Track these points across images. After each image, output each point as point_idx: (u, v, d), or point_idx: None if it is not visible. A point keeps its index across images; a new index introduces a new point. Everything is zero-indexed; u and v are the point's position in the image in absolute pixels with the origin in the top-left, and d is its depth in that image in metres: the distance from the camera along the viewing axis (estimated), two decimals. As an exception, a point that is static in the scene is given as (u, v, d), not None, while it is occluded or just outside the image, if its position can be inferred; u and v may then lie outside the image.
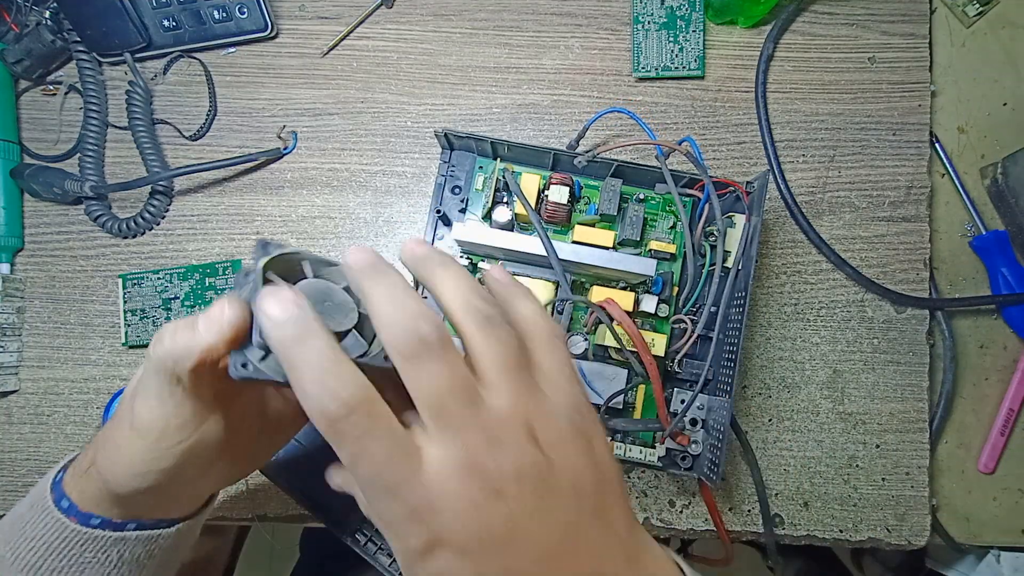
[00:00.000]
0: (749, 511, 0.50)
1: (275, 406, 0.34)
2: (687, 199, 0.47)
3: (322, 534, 0.48)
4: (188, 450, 0.29)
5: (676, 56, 0.52)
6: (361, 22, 0.53)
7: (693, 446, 0.45)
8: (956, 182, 0.54)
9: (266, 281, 0.25)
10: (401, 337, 0.22)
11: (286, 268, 0.26)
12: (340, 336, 0.25)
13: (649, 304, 0.45)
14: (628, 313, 0.42)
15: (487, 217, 0.47)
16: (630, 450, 0.44)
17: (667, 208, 0.48)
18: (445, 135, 0.46)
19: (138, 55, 0.52)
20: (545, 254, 0.43)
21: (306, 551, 0.73)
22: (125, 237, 0.52)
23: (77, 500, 0.31)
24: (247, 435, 0.32)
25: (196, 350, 0.25)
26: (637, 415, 0.47)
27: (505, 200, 0.47)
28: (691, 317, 0.45)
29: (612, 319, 0.41)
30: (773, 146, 0.52)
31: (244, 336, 0.25)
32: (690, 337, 0.44)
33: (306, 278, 0.26)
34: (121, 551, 0.31)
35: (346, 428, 0.21)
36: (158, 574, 0.34)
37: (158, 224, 0.52)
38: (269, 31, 0.52)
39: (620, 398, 0.44)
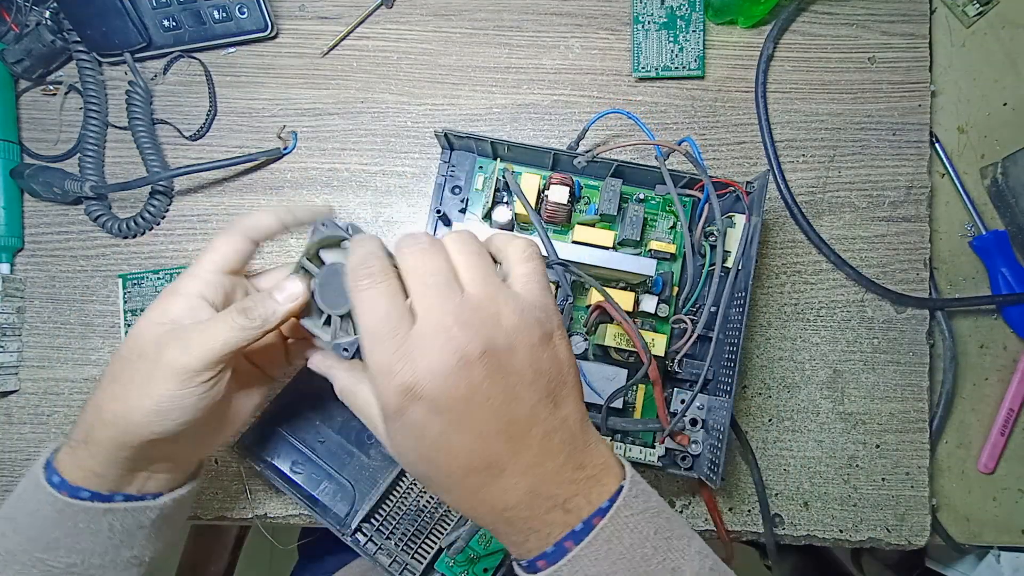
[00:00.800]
0: (749, 511, 0.50)
1: (249, 378, 0.39)
2: (687, 199, 0.47)
3: (322, 534, 0.48)
4: (209, 399, 0.33)
5: (676, 56, 0.52)
6: (361, 22, 0.53)
7: (693, 446, 0.45)
8: (956, 182, 0.54)
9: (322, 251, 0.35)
10: (403, 239, 0.30)
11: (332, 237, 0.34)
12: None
13: (649, 304, 0.45)
14: (628, 313, 0.42)
15: (487, 217, 0.47)
16: (630, 450, 0.44)
17: (667, 208, 0.48)
18: (445, 135, 0.46)
19: (138, 55, 0.52)
20: (545, 254, 0.43)
21: (306, 551, 0.73)
22: (125, 237, 0.52)
23: (67, 476, 0.34)
24: (231, 401, 0.37)
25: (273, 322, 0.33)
26: (637, 415, 0.47)
27: (505, 200, 0.47)
28: (691, 317, 0.45)
29: (611, 319, 0.41)
30: (773, 146, 0.52)
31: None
32: (690, 337, 0.44)
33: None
34: (111, 521, 0.34)
35: (365, 281, 0.29)
36: (152, 539, 0.37)
37: (158, 224, 0.52)
38: (269, 31, 0.52)
39: (620, 398, 0.44)
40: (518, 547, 0.30)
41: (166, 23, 0.51)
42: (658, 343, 0.44)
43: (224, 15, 0.51)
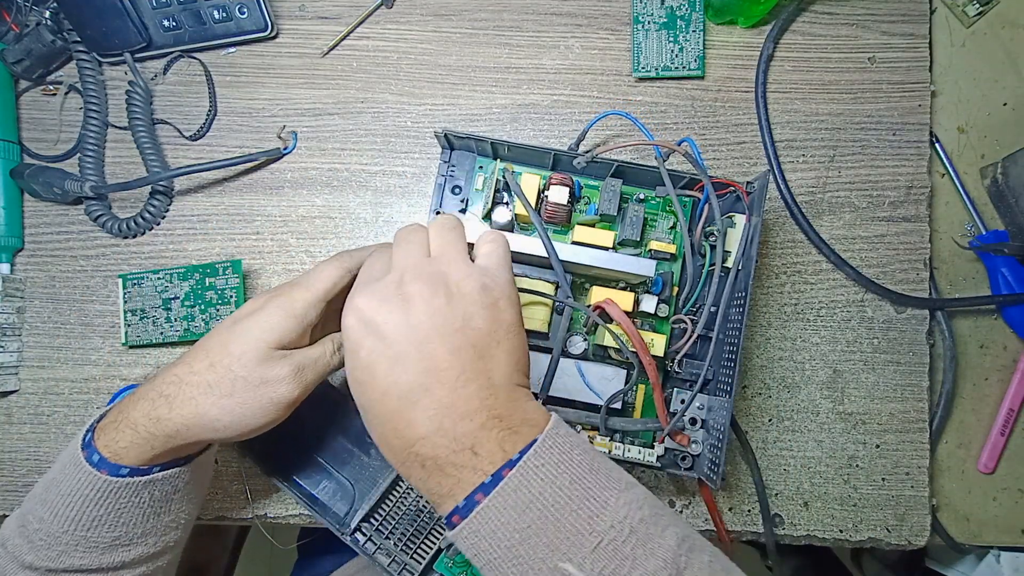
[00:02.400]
0: (749, 511, 0.50)
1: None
2: (687, 199, 0.47)
3: (321, 534, 0.48)
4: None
5: (676, 56, 0.52)
6: (361, 22, 0.53)
7: (693, 446, 0.45)
8: (956, 182, 0.54)
9: None
10: (401, 230, 0.37)
11: None
12: None
13: (649, 304, 0.45)
14: (628, 313, 0.42)
15: (487, 217, 0.47)
16: (629, 450, 0.44)
17: (667, 208, 0.48)
18: (445, 135, 0.46)
19: (138, 55, 0.52)
20: (545, 254, 0.43)
21: (305, 551, 0.73)
22: (125, 237, 0.52)
23: (106, 455, 0.35)
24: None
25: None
26: (637, 415, 0.47)
27: (505, 200, 0.47)
28: (691, 317, 0.45)
29: (611, 319, 0.41)
30: (773, 146, 0.52)
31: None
32: (690, 337, 0.44)
33: None
34: (152, 491, 0.36)
35: (368, 260, 0.37)
36: (185, 502, 0.39)
37: (158, 224, 0.52)
38: (269, 31, 0.52)
39: (620, 398, 0.44)
40: (438, 500, 0.31)
41: (166, 23, 0.51)
42: (658, 343, 0.44)
43: (224, 15, 0.51)
